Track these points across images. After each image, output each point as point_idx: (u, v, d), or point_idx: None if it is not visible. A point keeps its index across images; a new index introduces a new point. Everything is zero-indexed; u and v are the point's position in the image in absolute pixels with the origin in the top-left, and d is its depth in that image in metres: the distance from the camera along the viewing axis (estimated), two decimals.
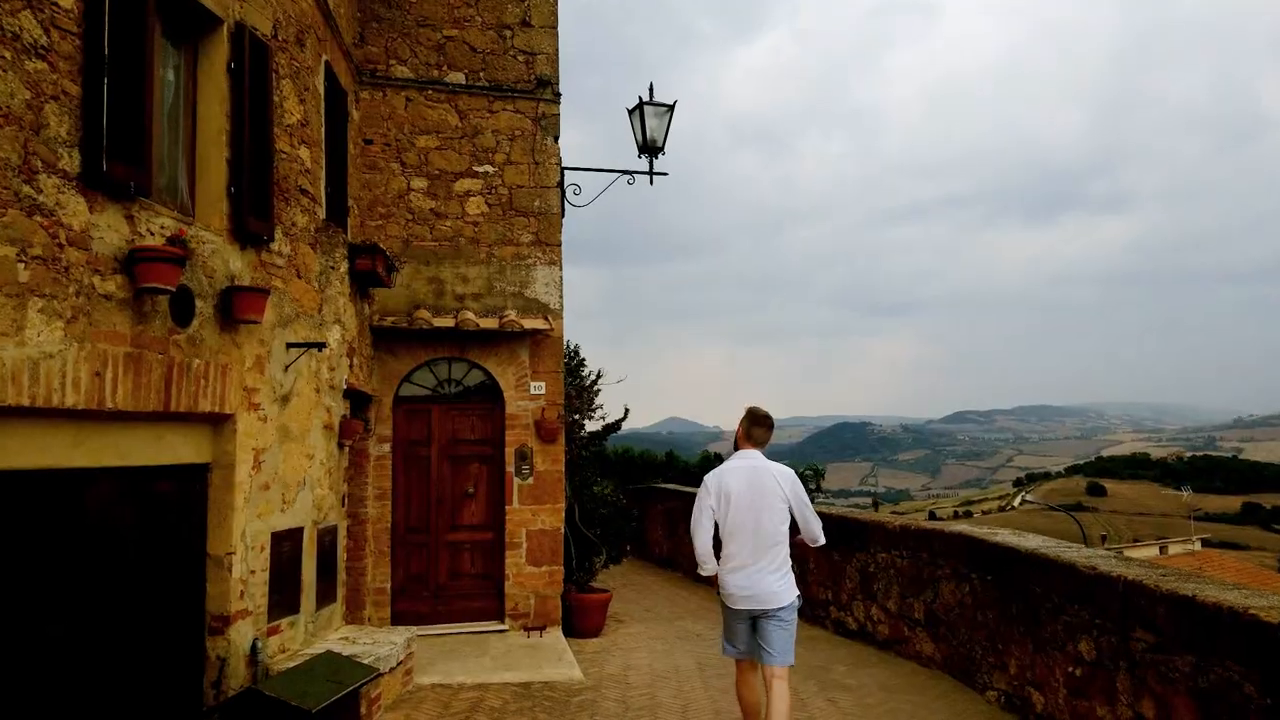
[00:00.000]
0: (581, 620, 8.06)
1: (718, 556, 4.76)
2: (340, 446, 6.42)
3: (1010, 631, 5.49)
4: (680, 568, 12.22)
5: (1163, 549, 39.12)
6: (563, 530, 7.95)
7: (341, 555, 6.48)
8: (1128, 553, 35.30)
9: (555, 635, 7.59)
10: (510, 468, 7.89)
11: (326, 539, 6.10)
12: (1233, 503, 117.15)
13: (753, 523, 4.60)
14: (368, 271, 6.55)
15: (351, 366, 6.75)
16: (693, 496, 4.93)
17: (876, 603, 7.32)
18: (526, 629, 7.66)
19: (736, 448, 4.95)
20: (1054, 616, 4.97)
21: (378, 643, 5.85)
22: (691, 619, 9.03)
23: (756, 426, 4.90)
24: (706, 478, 4.83)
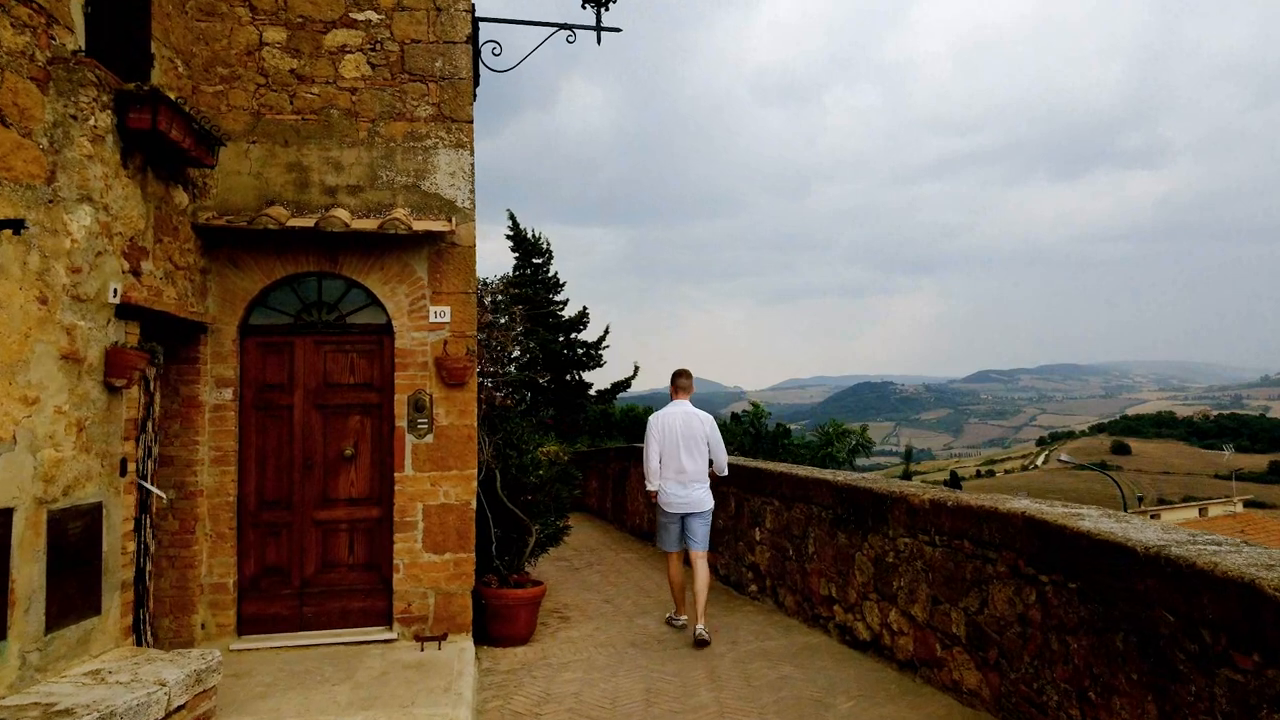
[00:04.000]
0: (502, 623, 6.09)
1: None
2: (111, 389, 4.40)
3: (1114, 676, 3.42)
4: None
5: (1202, 511, 36.80)
6: (475, 504, 5.93)
7: (120, 546, 4.48)
8: (1165, 515, 33.15)
9: (460, 647, 5.62)
10: (402, 422, 5.85)
11: (75, 525, 4.10)
12: (1260, 461, 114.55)
13: (684, 452, 6.26)
14: (146, 131, 4.45)
15: (139, 275, 4.69)
16: None
17: (897, 606, 5.27)
18: (421, 638, 5.69)
19: (672, 398, 6.52)
20: (1204, 667, 2.89)
21: (137, 681, 3.88)
22: (659, 614, 7.03)
23: (682, 379, 6.57)
24: (651, 418, 6.44)
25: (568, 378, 40.82)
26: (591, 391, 41.31)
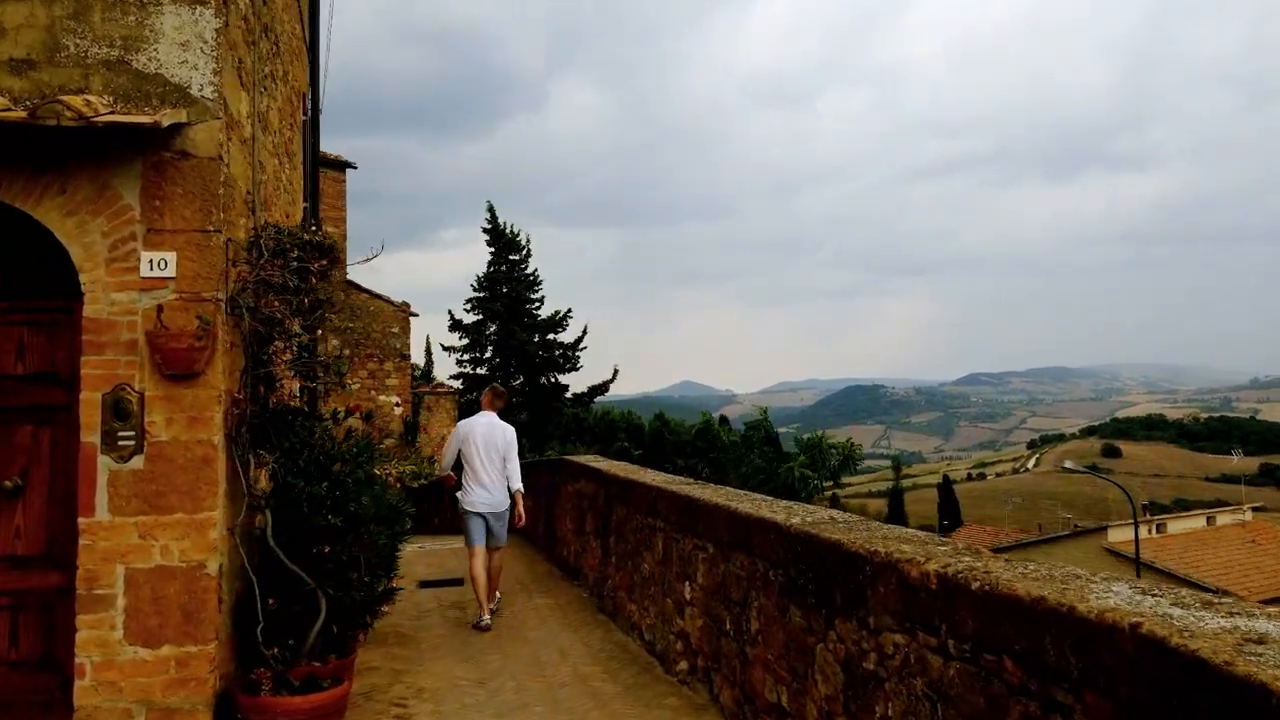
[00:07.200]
0: None
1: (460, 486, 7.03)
2: None
3: None
4: (586, 584, 8.06)
5: (1210, 520, 34.84)
6: (217, 566, 3.75)
7: None
8: (1171, 525, 31.11)
9: None
10: (93, 436, 3.68)
11: None
12: (1251, 464, 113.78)
13: (486, 458, 6.93)
14: None
15: None
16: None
17: None
18: None
19: (481, 409, 7.33)
20: None
21: None
22: (544, 707, 4.87)
23: (497, 399, 7.45)
24: (459, 424, 7.46)
25: (543, 380, 38.54)
26: (569, 395, 39.03)
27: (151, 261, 3.72)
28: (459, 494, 7.00)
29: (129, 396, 3.68)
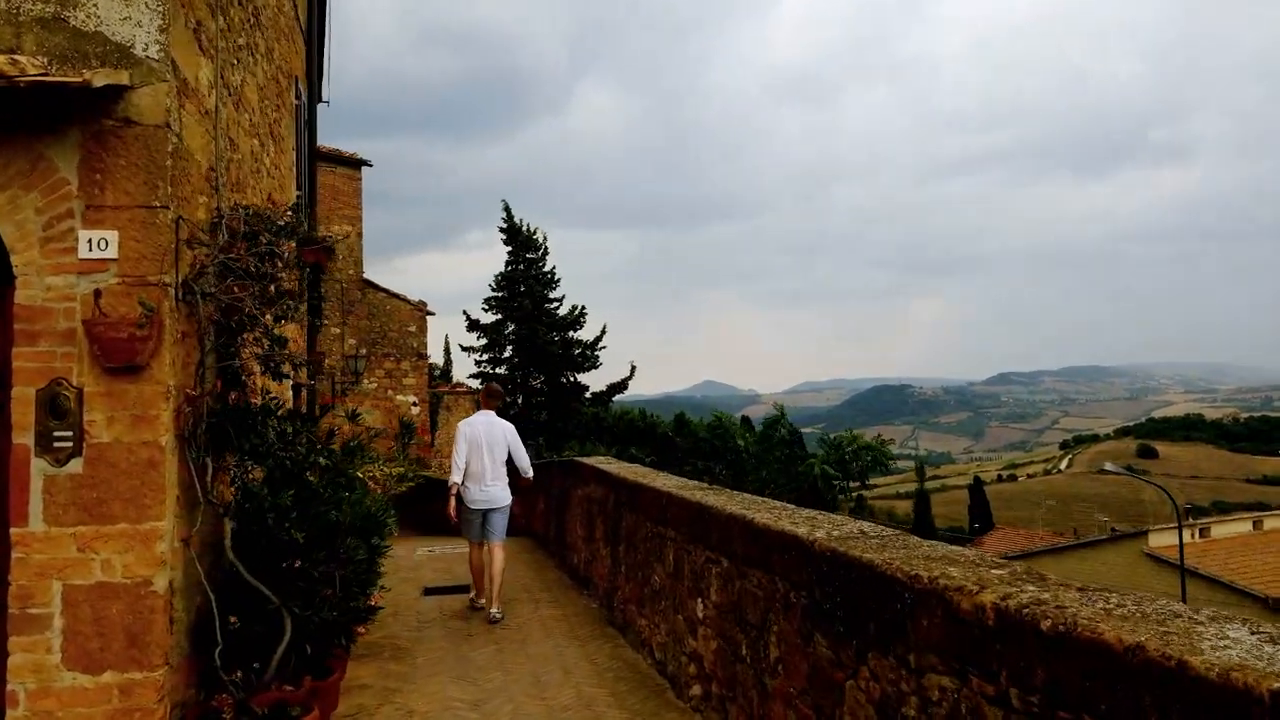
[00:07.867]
0: None
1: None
2: None
3: None
4: (596, 595, 7.59)
5: (1257, 524, 33.55)
6: (165, 583, 3.33)
7: None
8: (1215, 529, 29.97)
9: None
10: (27, 436, 3.28)
11: None
12: None
13: (487, 454, 7.05)
14: None
15: None
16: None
17: None
18: None
19: (479, 408, 7.49)
20: None
21: None
22: None
23: (492, 398, 7.58)
24: (461, 425, 7.22)
25: (562, 379, 38.07)
26: (588, 394, 38.52)
27: (90, 241, 3.31)
28: (462, 490, 7.06)
29: (66, 392, 3.28)
